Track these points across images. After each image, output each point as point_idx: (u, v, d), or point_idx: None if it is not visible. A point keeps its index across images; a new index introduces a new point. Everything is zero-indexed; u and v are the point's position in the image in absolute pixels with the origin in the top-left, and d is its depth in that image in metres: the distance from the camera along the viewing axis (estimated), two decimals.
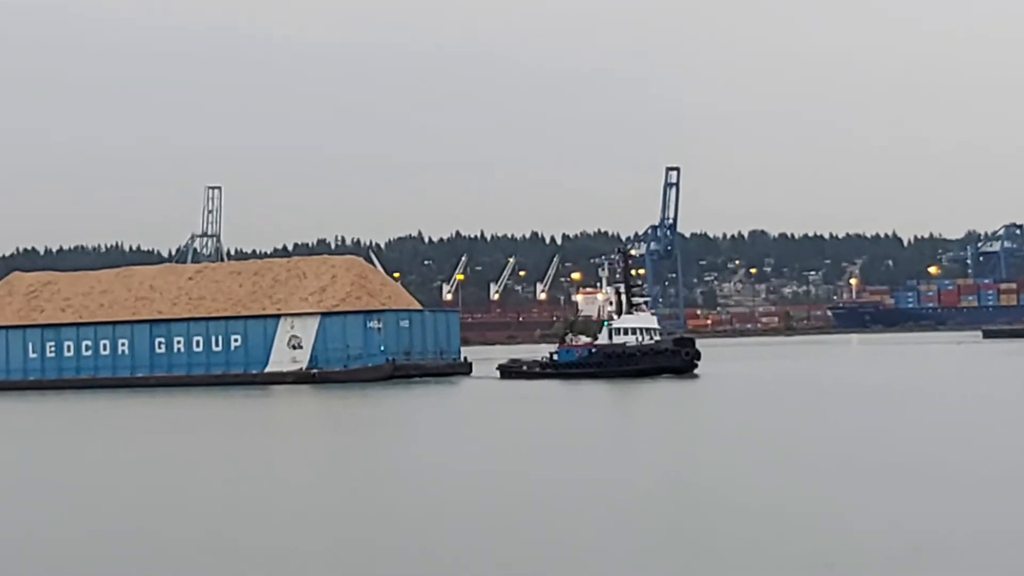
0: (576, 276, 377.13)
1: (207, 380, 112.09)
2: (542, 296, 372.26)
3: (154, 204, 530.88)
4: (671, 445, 49.83)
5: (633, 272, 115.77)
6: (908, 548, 26.74)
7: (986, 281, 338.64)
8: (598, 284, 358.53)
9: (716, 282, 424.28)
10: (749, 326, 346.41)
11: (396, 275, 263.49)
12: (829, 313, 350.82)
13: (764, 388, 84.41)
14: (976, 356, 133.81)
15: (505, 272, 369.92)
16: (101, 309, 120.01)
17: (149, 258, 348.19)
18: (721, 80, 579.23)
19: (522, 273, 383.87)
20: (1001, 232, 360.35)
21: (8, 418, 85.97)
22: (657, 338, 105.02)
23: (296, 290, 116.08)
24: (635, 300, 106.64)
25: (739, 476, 38.14)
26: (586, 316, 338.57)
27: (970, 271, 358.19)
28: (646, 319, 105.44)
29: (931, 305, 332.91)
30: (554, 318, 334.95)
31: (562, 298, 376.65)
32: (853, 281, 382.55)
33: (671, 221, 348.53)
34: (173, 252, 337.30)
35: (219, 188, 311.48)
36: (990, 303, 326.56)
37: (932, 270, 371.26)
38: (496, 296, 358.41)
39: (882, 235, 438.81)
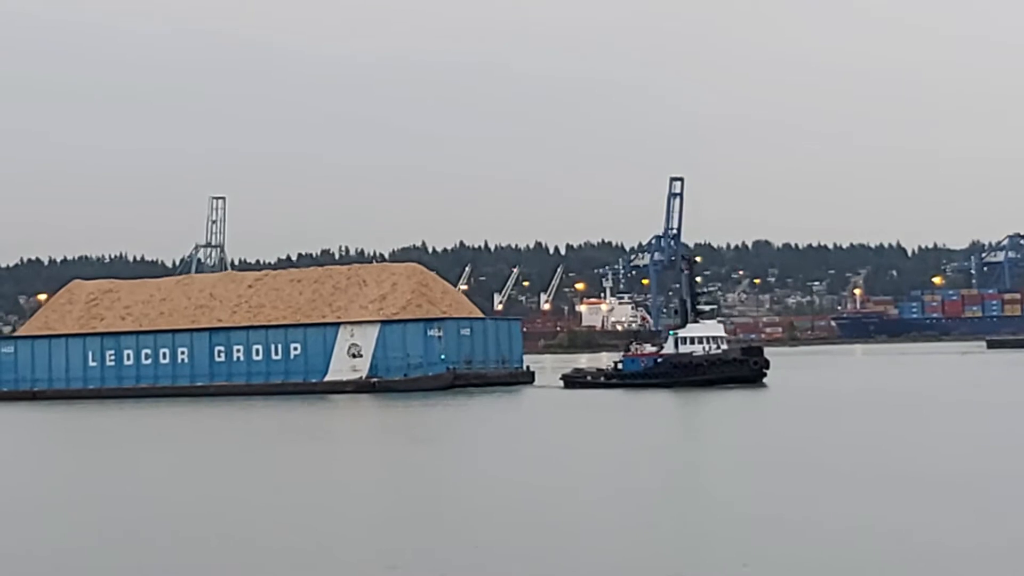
0: (580, 286, 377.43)
1: (267, 389, 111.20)
2: (546, 306, 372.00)
3: (158, 214, 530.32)
4: (740, 460, 47.88)
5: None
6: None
7: (990, 291, 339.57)
8: (602, 294, 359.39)
9: (720, 292, 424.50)
10: (753, 336, 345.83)
11: None
12: (833, 323, 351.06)
13: (836, 399, 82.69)
14: (997, 367, 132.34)
15: (509, 282, 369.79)
16: (161, 317, 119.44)
17: (153, 269, 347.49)
18: (725, 90, 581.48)
19: (526, 283, 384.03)
20: (1005, 242, 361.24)
21: (68, 428, 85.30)
22: (724, 347, 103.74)
23: (356, 298, 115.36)
24: (701, 308, 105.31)
25: (801, 493, 37.08)
26: (590, 327, 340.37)
27: (974, 281, 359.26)
28: (713, 328, 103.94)
29: (935, 315, 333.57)
30: (558, 328, 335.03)
31: (566, 308, 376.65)
32: (857, 291, 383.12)
33: (675, 231, 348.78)
34: (177, 262, 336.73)
35: (223, 198, 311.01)
36: (994, 313, 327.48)
37: (936, 280, 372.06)
38: (500, 307, 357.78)
39: (886, 245, 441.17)
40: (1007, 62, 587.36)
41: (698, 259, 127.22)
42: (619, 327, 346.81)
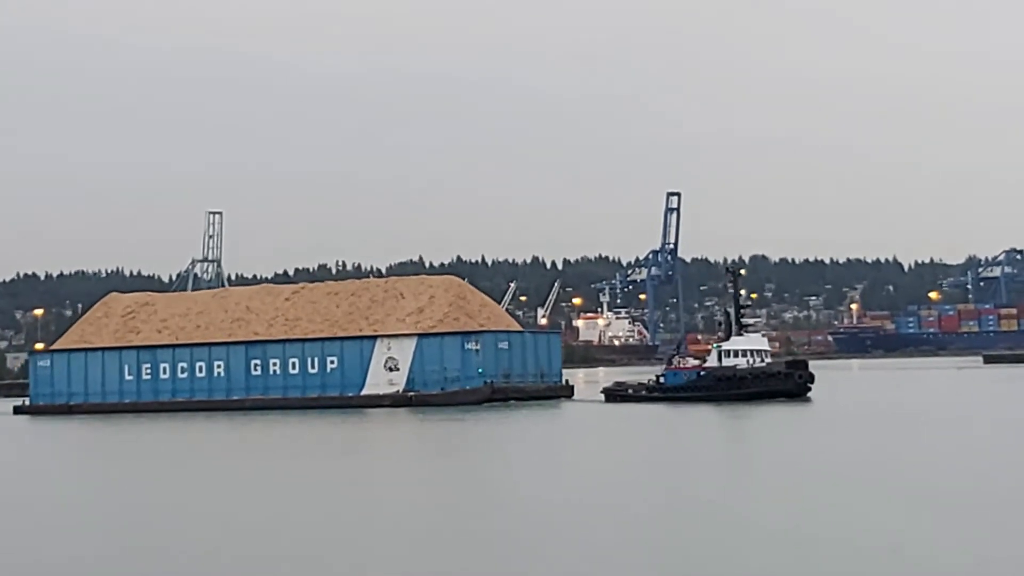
0: (577, 301, 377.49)
1: (303, 403, 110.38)
2: (543, 321, 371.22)
3: (155, 229, 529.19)
4: (785, 478, 46.15)
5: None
6: None
7: (986, 306, 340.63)
8: (599, 309, 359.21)
9: (717, 307, 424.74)
10: None
11: None
12: (830, 338, 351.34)
13: (883, 415, 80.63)
14: (1003, 382, 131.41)
15: (506, 297, 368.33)
16: (197, 331, 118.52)
17: (150, 283, 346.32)
18: (722, 105, 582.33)
19: (523, 298, 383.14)
20: (1001, 257, 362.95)
21: (103, 442, 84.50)
22: (769, 360, 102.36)
23: (393, 311, 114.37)
24: (746, 321, 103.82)
25: (849, 512, 35.73)
26: (587, 341, 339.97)
27: (971, 296, 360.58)
28: (757, 341, 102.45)
29: (932, 330, 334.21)
30: None
31: (563, 323, 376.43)
32: (854, 306, 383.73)
33: (672, 246, 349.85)
34: (174, 277, 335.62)
35: (220, 213, 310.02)
36: (991, 328, 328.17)
37: (933, 295, 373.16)
38: None
39: (883, 260, 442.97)
40: (1005, 78, 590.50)
41: (742, 272, 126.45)
42: (616, 342, 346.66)
